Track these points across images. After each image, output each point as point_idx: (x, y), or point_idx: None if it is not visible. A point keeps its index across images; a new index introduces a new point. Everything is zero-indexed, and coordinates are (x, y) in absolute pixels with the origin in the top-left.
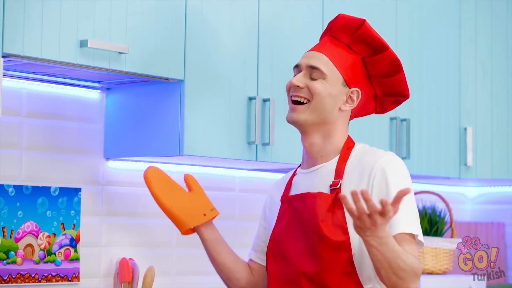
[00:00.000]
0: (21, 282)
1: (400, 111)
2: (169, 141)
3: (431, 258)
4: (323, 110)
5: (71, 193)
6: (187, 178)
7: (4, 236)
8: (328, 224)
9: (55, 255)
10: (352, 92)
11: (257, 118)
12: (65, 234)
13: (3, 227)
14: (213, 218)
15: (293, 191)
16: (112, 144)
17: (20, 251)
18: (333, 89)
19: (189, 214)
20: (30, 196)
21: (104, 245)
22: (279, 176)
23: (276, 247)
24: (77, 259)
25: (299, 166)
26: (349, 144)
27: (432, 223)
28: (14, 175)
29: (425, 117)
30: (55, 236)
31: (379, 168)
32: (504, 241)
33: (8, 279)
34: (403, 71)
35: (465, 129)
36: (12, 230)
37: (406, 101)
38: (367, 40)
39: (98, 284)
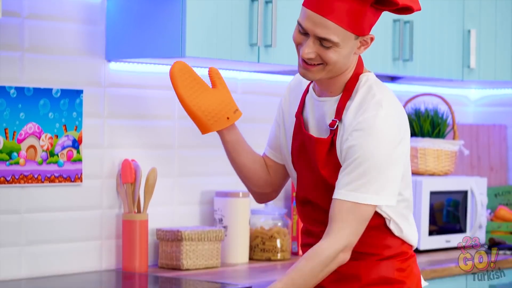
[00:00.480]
0: (24, 183)
1: None
2: (171, 43)
3: (433, 160)
4: (340, 68)
5: (73, 95)
6: (212, 73)
7: (6, 137)
8: (329, 170)
9: (58, 156)
10: (366, 38)
11: (259, 19)
12: (67, 135)
13: (5, 129)
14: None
15: (304, 113)
16: (113, 46)
17: (23, 152)
18: (346, 49)
19: (213, 118)
20: (32, 98)
21: (106, 147)
22: (282, 78)
23: (295, 167)
24: (80, 160)
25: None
26: (355, 78)
27: (434, 125)
28: (16, 76)
29: (428, 19)
30: (57, 138)
31: (357, 128)
32: (505, 143)
33: (11, 179)
34: (417, 8)
35: (469, 31)
36: (14, 131)
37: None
38: None
39: (101, 185)
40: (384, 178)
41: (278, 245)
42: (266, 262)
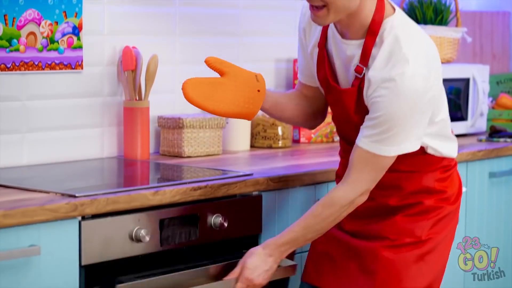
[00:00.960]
0: (24, 70)
1: None
2: None
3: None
4: (344, 8)
5: None
6: (212, 64)
7: (6, 24)
8: (361, 116)
9: (58, 43)
10: None
11: None
12: (67, 22)
13: (4, 15)
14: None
15: (327, 45)
16: None
17: (23, 39)
18: None
19: (248, 102)
20: None
21: (106, 34)
22: None
23: (326, 97)
24: (80, 47)
25: None
26: (377, 21)
27: (437, 12)
28: None
29: None
30: (57, 24)
31: (383, 86)
32: (508, 31)
33: (11, 67)
34: None
35: None
36: (14, 17)
37: None
38: None
39: (102, 72)
40: (408, 130)
41: (280, 132)
42: (267, 149)
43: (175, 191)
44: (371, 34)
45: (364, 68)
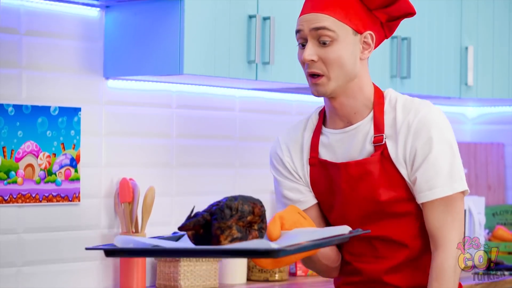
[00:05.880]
0: (22, 202)
1: (400, 29)
2: (169, 60)
3: None
4: (346, 72)
5: (71, 113)
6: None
7: (4, 156)
8: (388, 190)
9: (56, 175)
10: (365, 37)
11: (257, 36)
12: (65, 154)
13: (3, 147)
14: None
15: (328, 154)
16: (112, 63)
17: (21, 171)
18: (346, 46)
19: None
20: (30, 116)
21: (104, 165)
22: (280, 96)
23: (335, 209)
24: (78, 179)
25: (319, 123)
26: (379, 93)
27: None
28: (14, 94)
29: (426, 36)
30: (55, 156)
31: (420, 126)
32: (503, 162)
33: (9, 199)
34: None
35: (466, 48)
36: (12, 150)
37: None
38: None
39: (99, 204)
40: (459, 163)
41: None
42: (263, 283)
43: None
44: (378, 104)
45: (383, 135)
